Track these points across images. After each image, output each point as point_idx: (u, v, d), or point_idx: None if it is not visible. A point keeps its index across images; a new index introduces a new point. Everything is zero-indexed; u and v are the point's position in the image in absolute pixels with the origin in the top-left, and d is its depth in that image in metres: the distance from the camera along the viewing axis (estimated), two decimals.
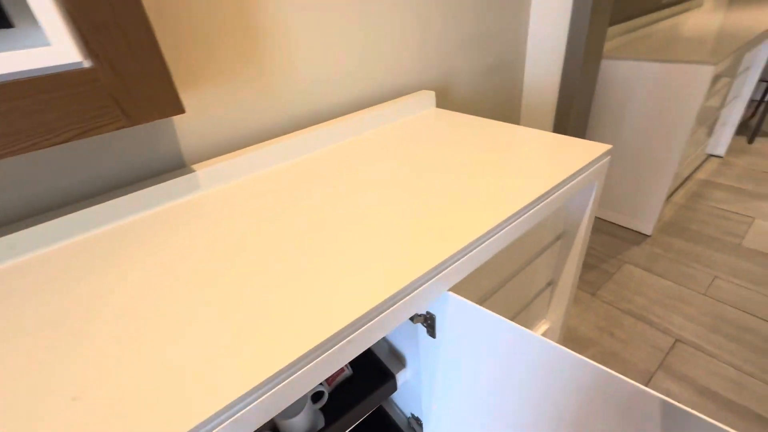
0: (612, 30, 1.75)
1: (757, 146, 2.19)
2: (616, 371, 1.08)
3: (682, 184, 1.93)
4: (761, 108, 2.23)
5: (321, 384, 0.69)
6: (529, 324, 0.99)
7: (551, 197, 0.62)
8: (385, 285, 0.45)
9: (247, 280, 0.47)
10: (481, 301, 0.72)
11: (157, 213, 0.65)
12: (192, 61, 0.66)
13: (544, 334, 1.03)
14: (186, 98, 0.67)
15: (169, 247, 0.55)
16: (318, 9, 0.79)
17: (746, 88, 2.02)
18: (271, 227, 0.58)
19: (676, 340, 1.16)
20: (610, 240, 1.61)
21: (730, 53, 1.33)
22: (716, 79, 1.74)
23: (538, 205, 0.60)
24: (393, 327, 0.46)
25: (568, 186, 0.65)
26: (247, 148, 0.77)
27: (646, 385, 1.05)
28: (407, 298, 0.46)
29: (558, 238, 0.87)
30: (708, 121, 1.87)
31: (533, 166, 0.67)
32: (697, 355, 1.10)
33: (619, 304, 1.30)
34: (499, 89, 1.40)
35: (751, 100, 2.71)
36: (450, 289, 0.56)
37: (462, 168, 0.70)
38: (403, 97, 1.00)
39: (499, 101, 1.43)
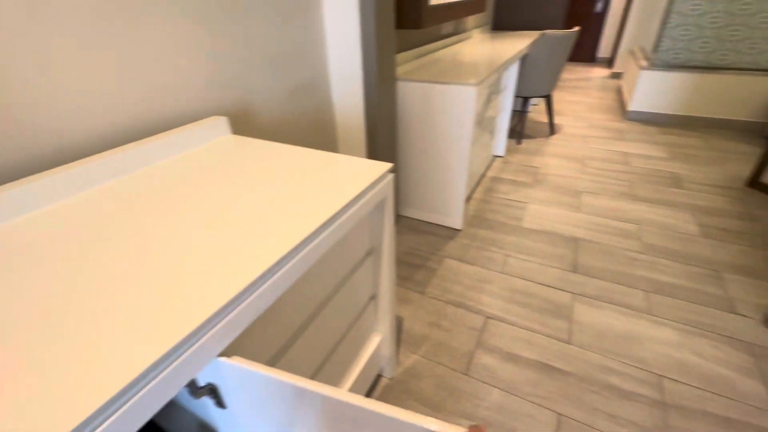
0: (406, 55, 1.99)
1: (524, 146, 2.84)
2: (445, 360, 1.17)
3: (479, 182, 2.33)
4: (521, 117, 2.90)
5: None
6: (361, 340, 0.99)
7: (337, 223, 0.61)
8: (123, 369, 0.34)
9: None
10: (294, 337, 0.66)
11: None
12: None
13: (378, 345, 1.06)
14: None
15: None
16: (50, 19, 0.62)
17: (508, 102, 2.59)
18: None
19: (487, 318, 1.36)
20: (432, 239, 1.81)
21: (487, 75, 1.65)
22: (490, 95, 2.16)
23: (321, 234, 0.58)
24: (142, 421, 0.36)
25: (356, 207, 0.67)
26: None
27: (470, 364, 1.19)
28: (155, 382, 0.36)
29: (369, 253, 0.89)
30: (489, 128, 2.32)
31: (319, 194, 0.66)
32: (501, 327, 1.32)
33: (443, 297, 1.46)
34: (310, 112, 1.41)
35: (514, 111, 3.52)
36: (237, 344, 0.49)
37: (240, 203, 0.63)
38: (189, 125, 0.88)
39: (313, 124, 1.43)
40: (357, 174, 0.73)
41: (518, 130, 2.98)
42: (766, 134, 2.87)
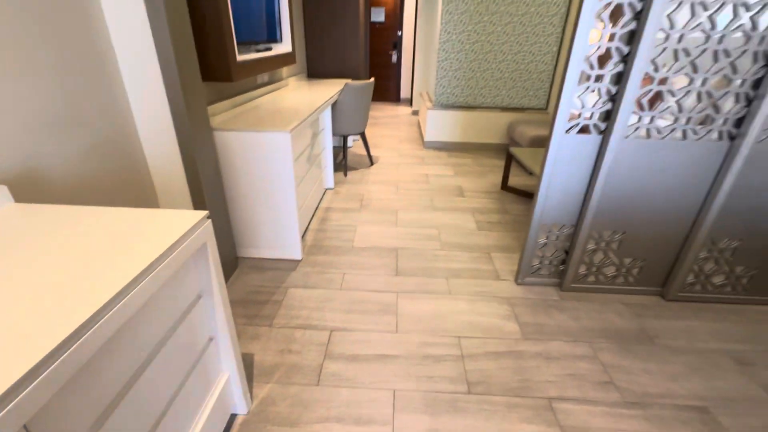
0: (223, 104, 2.07)
1: (350, 177, 3.23)
2: (297, 379, 1.30)
3: (314, 213, 2.56)
4: (344, 152, 3.31)
5: None
6: (206, 383, 1.02)
7: (146, 279, 0.67)
8: None
9: None
10: (120, 396, 0.68)
11: None
12: None
13: (225, 385, 1.10)
14: None
15: None
16: None
17: (328, 140, 2.94)
18: None
19: (331, 331, 1.54)
20: (275, 274, 1.90)
21: (300, 122, 1.90)
22: (312, 136, 2.42)
23: (129, 293, 0.63)
24: None
25: (168, 259, 0.74)
26: None
27: (320, 375, 1.33)
28: None
29: (199, 296, 0.95)
30: (317, 164, 2.58)
31: (124, 253, 0.71)
32: (344, 335, 1.52)
33: (290, 324, 1.57)
34: (119, 170, 1.35)
35: (337, 147, 3.96)
36: (46, 413, 0.51)
37: (23, 278, 0.64)
38: None
39: (123, 182, 1.38)
40: (167, 227, 0.81)
41: (344, 164, 3.38)
42: (508, 152, 4.05)
